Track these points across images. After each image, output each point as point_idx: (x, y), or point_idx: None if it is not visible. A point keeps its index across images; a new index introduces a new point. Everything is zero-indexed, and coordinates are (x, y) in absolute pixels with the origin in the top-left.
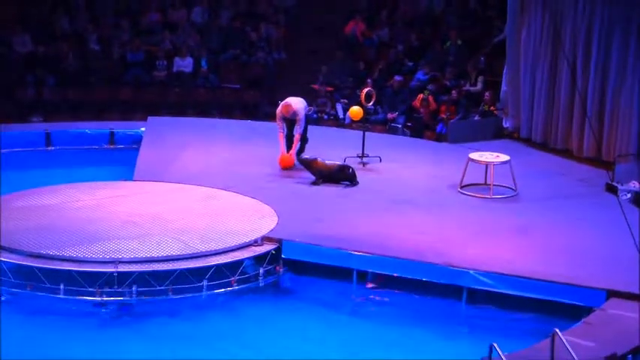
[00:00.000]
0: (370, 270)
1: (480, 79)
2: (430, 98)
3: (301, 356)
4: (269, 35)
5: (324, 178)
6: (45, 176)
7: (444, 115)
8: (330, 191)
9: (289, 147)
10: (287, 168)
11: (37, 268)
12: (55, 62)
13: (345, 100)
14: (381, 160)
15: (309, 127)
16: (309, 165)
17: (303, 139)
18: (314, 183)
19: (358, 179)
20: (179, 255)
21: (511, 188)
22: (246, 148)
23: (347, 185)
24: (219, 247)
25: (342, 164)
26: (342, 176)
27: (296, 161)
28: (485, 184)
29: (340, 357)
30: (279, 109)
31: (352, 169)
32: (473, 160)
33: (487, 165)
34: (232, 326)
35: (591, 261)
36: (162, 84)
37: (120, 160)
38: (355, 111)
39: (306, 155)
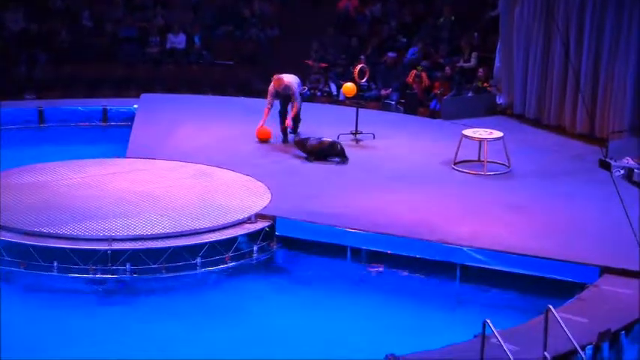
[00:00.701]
0: (364, 247)
1: (474, 55)
2: (423, 75)
3: (295, 332)
4: (262, 11)
5: (315, 155)
6: (38, 154)
7: (437, 92)
8: (323, 168)
9: (283, 123)
10: (264, 140)
11: (30, 245)
12: (47, 39)
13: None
14: (374, 137)
15: (302, 104)
16: (301, 146)
17: (297, 119)
18: (307, 159)
19: (350, 156)
20: (172, 232)
21: (504, 165)
22: (239, 125)
23: (338, 162)
24: (212, 225)
25: (332, 141)
26: (333, 152)
27: (286, 138)
28: (479, 160)
29: (334, 333)
30: (271, 85)
31: (341, 145)
32: (466, 136)
33: (481, 141)
34: (227, 303)
35: (585, 237)
36: (155, 60)
37: (113, 138)
38: (349, 87)
39: (298, 136)
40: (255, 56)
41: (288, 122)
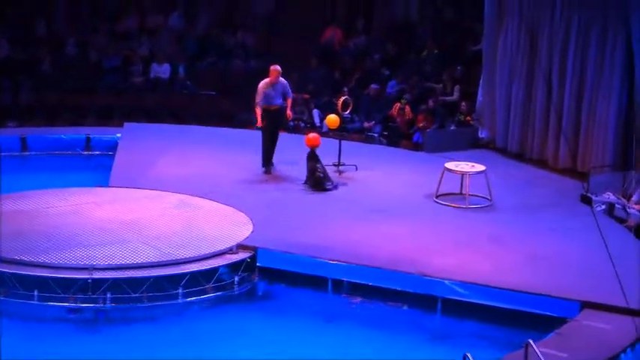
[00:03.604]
0: (345, 279)
1: (457, 88)
2: (407, 107)
3: None
4: (245, 42)
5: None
6: (20, 181)
7: (420, 125)
8: (305, 199)
9: (266, 155)
10: (315, 145)
11: (10, 274)
12: (31, 67)
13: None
14: (357, 169)
15: (286, 135)
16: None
17: (275, 140)
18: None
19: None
20: (154, 262)
21: (486, 198)
22: (222, 155)
23: (304, 183)
24: (194, 255)
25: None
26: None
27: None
28: (461, 193)
29: None
30: (263, 82)
31: (318, 176)
32: (449, 169)
33: (463, 175)
34: (207, 334)
35: (565, 272)
36: (138, 90)
37: (95, 166)
38: (332, 119)
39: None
40: (238, 87)
41: (289, 113)
